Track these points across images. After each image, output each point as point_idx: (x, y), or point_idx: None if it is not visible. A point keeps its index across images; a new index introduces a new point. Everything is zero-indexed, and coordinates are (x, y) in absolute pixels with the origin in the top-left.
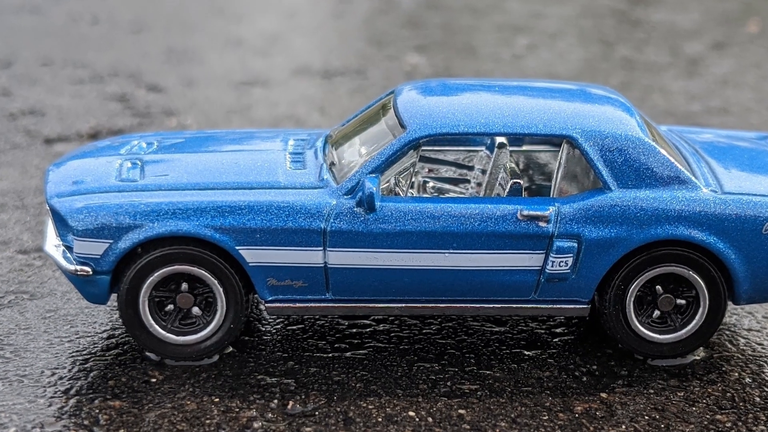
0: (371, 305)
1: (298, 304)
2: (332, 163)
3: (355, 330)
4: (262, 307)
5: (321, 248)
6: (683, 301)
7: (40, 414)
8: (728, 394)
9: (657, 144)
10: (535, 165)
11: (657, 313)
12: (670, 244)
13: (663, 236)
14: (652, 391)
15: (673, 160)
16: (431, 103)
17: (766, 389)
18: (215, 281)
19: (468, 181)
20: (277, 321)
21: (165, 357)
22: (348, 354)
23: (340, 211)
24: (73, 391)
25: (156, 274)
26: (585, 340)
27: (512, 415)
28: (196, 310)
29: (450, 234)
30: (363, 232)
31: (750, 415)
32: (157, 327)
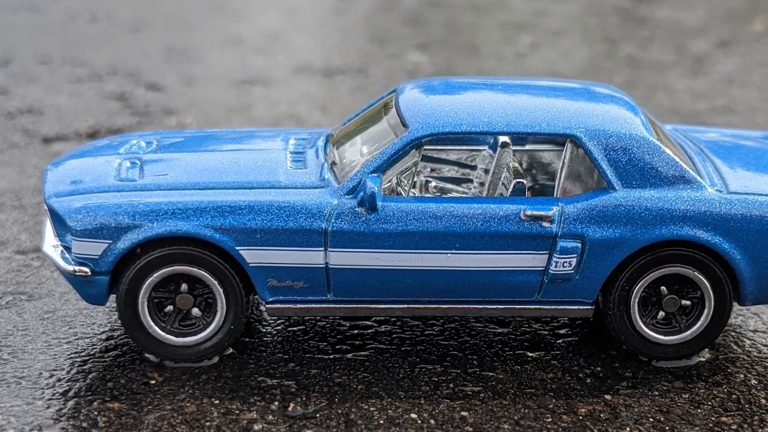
0: (373, 306)
1: (299, 305)
2: (333, 163)
3: (356, 331)
4: (262, 308)
5: (322, 248)
6: (688, 302)
7: (38, 416)
8: (734, 396)
9: (662, 143)
10: (538, 164)
11: (662, 314)
12: (675, 244)
13: (668, 236)
14: (656, 393)
15: (678, 159)
16: (433, 102)
17: None
18: (215, 282)
19: (471, 181)
20: (278, 322)
21: (164, 358)
22: (349, 355)
23: (342, 211)
24: (71, 393)
25: (155, 275)
26: (589, 342)
27: (515, 417)
28: (195, 311)
29: (452, 234)
30: (364, 232)
31: (756, 417)
32: (156, 328)
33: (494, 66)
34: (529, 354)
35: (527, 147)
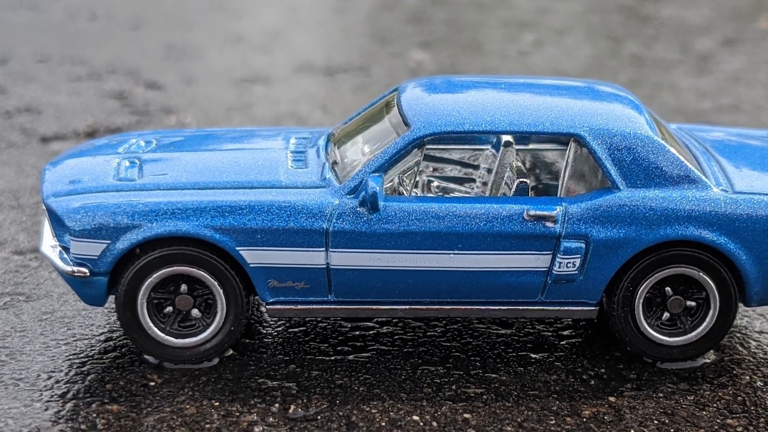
0: (374, 307)
1: (299, 306)
2: (335, 162)
3: (357, 332)
4: (263, 309)
5: (323, 249)
6: (693, 303)
7: (36, 418)
8: (739, 397)
9: (666, 142)
10: (542, 164)
11: (666, 315)
12: (679, 244)
13: (672, 237)
14: (661, 394)
15: (682, 158)
16: (436, 101)
17: None
18: (215, 283)
19: (473, 181)
20: (279, 323)
21: (164, 360)
22: (351, 357)
23: (343, 211)
24: (70, 395)
25: (155, 276)
26: (593, 343)
27: (518, 420)
28: (195, 312)
29: (455, 234)
30: (366, 232)
31: (761, 419)
32: (155, 329)
33: (497, 64)
34: (533, 355)
35: (530, 146)
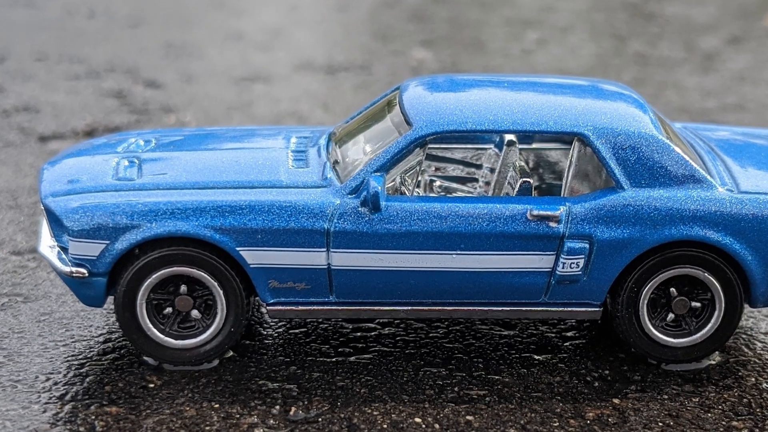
0: (376, 308)
1: (300, 307)
2: (336, 162)
3: (359, 334)
4: (263, 310)
5: (324, 249)
6: (698, 304)
7: (34, 420)
8: (745, 399)
9: (671, 142)
10: (545, 163)
11: (671, 316)
12: (684, 245)
13: (677, 237)
14: (666, 396)
15: (687, 158)
16: (438, 100)
17: None
18: (215, 283)
19: (476, 180)
20: (279, 324)
21: (163, 361)
22: (352, 358)
23: (344, 211)
24: (68, 397)
25: (154, 276)
26: (597, 344)
27: (522, 422)
28: (195, 313)
29: (457, 234)
30: (367, 232)
31: (767, 421)
32: (155, 330)
33: (500, 63)
34: (536, 357)
35: (534, 145)
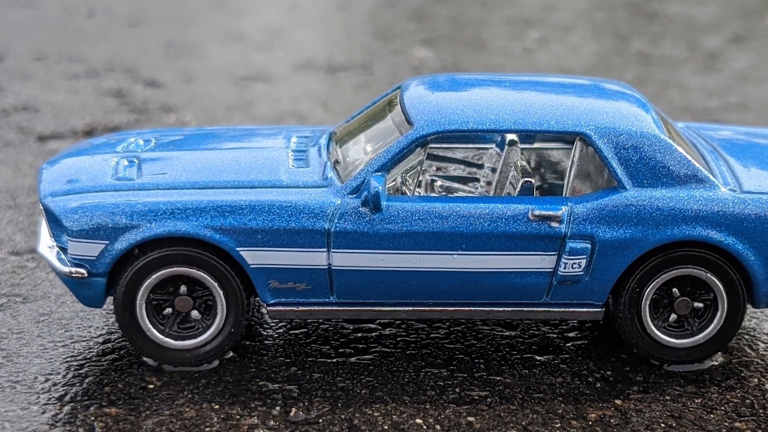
0: (377, 309)
1: (301, 308)
2: (336, 161)
3: (360, 334)
4: (263, 310)
5: (325, 249)
6: (701, 305)
7: (33, 421)
8: (747, 400)
9: (673, 141)
10: (547, 163)
11: (674, 316)
12: (687, 245)
13: (680, 237)
14: (668, 397)
15: (690, 158)
16: (439, 99)
17: None
18: (215, 284)
19: (477, 180)
20: (280, 325)
21: (163, 362)
22: (353, 359)
23: (345, 211)
24: (67, 398)
25: (154, 277)
26: (599, 345)
27: (523, 423)
28: (195, 313)
29: (459, 235)
30: (368, 232)
31: None
32: (154, 331)
33: (501, 62)
34: (538, 358)
35: (535, 145)
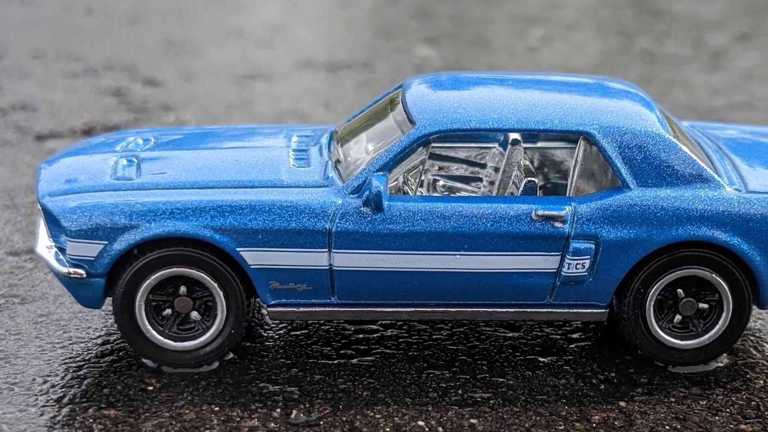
0: (378, 309)
1: (301, 309)
2: (338, 161)
3: (361, 335)
4: (264, 311)
5: (326, 250)
6: (706, 306)
7: (31, 423)
8: (753, 402)
9: (678, 141)
10: (550, 162)
11: (678, 317)
12: (692, 245)
13: (684, 237)
14: (673, 399)
15: (695, 157)
16: (441, 98)
17: None
18: (215, 284)
19: (480, 180)
20: (280, 326)
21: (162, 364)
22: (354, 361)
23: (346, 211)
24: (66, 400)
25: (153, 277)
26: (603, 346)
27: (526, 425)
28: (195, 314)
29: (461, 235)
30: (370, 232)
31: None
32: (154, 332)
33: (505, 60)
34: (541, 359)
35: (539, 144)
